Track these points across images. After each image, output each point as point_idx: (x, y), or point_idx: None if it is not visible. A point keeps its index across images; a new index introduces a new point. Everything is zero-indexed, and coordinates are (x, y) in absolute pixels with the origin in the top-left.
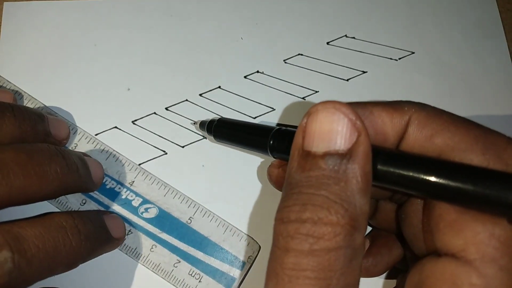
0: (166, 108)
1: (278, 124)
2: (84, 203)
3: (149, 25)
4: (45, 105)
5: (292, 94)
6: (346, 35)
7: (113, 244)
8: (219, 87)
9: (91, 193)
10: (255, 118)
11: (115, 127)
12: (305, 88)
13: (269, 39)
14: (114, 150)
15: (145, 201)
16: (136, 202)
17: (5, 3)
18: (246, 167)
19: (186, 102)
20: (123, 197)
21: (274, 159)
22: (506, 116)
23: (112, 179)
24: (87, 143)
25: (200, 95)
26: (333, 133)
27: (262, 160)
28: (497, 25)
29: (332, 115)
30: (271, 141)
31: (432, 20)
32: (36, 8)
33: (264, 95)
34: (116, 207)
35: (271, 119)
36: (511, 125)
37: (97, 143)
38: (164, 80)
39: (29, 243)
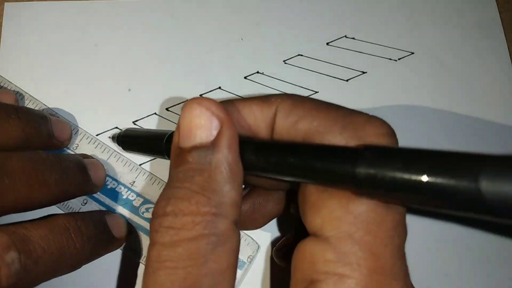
0: (167, 109)
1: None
2: (85, 203)
3: (150, 26)
4: (46, 106)
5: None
6: (345, 36)
7: (115, 244)
8: (219, 87)
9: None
10: None
11: (116, 127)
12: (305, 88)
13: (269, 39)
14: (115, 151)
15: (146, 201)
16: (137, 202)
17: (6, 3)
18: None
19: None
20: (124, 197)
21: None
22: (506, 117)
23: (113, 179)
24: (88, 143)
25: (201, 95)
26: (197, 127)
27: None
28: (497, 25)
29: (195, 110)
30: (164, 144)
31: (432, 20)
32: (37, 9)
33: None
34: (117, 207)
35: None
36: (511, 125)
37: (98, 144)
38: (165, 81)
39: (35, 245)
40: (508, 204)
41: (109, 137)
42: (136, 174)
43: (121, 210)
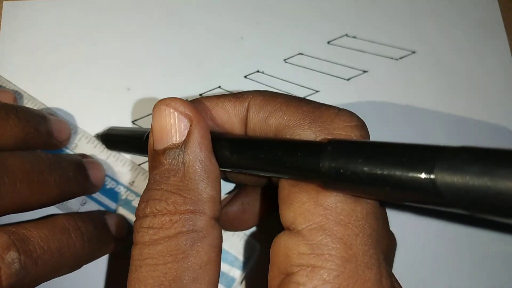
0: None
1: None
2: (85, 203)
3: (149, 25)
4: (45, 105)
5: (292, 94)
6: (346, 35)
7: (115, 245)
8: (219, 87)
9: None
10: None
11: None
12: (306, 87)
13: (270, 38)
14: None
15: None
16: (136, 202)
17: (4, 2)
18: None
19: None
20: (123, 197)
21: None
22: (507, 115)
23: (112, 179)
24: (87, 143)
25: (200, 95)
26: (167, 128)
27: None
28: (499, 24)
29: (163, 112)
30: (144, 143)
31: (433, 19)
32: (36, 7)
33: None
34: (117, 208)
35: None
36: None
37: (97, 143)
38: (164, 80)
39: (35, 245)
40: (461, 196)
41: (94, 136)
42: (136, 173)
43: (121, 210)
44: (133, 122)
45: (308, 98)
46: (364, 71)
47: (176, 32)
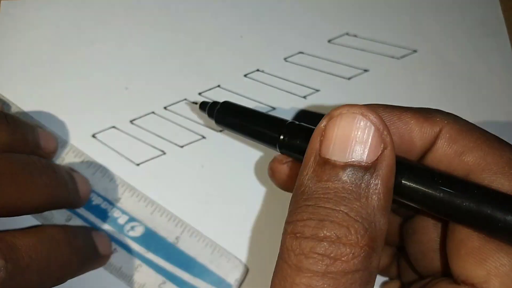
0: (165, 108)
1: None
2: (70, 220)
3: (148, 23)
4: (33, 118)
5: (292, 93)
6: (347, 33)
7: (100, 262)
8: (219, 86)
9: (77, 210)
10: None
11: (113, 126)
12: (306, 86)
13: (270, 37)
14: (101, 166)
15: (132, 219)
16: (122, 220)
17: (2, 1)
18: (245, 168)
19: (185, 101)
20: (109, 214)
21: (278, 154)
22: (509, 115)
23: (99, 195)
24: (74, 157)
25: (200, 94)
26: (357, 142)
27: (262, 162)
28: (500, 23)
29: (358, 122)
30: (282, 136)
31: (435, 18)
32: (33, 6)
33: (264, 94)
34: (102, 225)
35: None
36: None
37: (84, 157)
38: (163, 79)
39: (22, 253)
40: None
41: (192, 102)
42: (123, 190)
43: (106, 227)
44: (131, 121)
45: (308, 97)
46: (365, 70)
47: (175, 30)
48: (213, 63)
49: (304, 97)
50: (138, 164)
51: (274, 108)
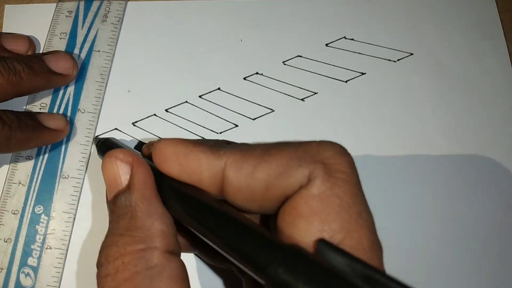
0: (166, 110)
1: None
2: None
3: (149, 27)
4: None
5: (291, 96)
6: (345, 37)
7: (50, 132)
8: (219, 88)
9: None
10: (254, 119)
11: (116, 128)
12: (304, 89)
13: (268, 41)
14: (74, 216)
15: (35, 269)
16: (30, 261)
17: (6, 5)
18: None
19: (186, 103)
20: (32, 246)
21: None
22: (505, 117)
23: (46, 228)
24: (72, 186)
25: (200, 96)
26: (113, 177)
27: None
28: (497, 26)
29: (107, 164)
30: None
31: (431, 21)
32: (37, 11)
33: (264, 97)
34: (20, 244)
35: (271, 121)
36: (510, 126)
37: (76, 195)
38: (164, 82)
39: None
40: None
41: (93, 138)
42: (59, 246)
43: (19, 248)
44: (133, 123)
45: (306, 99)
46: (362, 73)
47: (176, 34)
48: (213, 66)
49: (302, 99)
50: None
51: (273, 110)
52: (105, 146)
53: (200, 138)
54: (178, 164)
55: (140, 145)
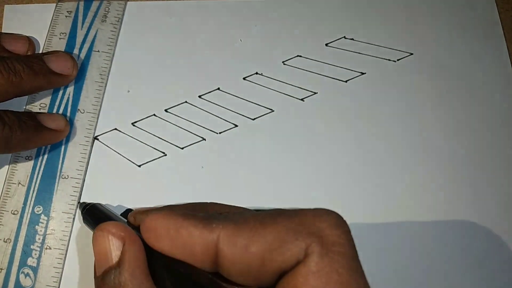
0: (166, 110)
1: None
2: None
3: (149, 27)
4: None
5: (291, 96)
6: (344, 37)
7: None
8: (218, 88)
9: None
10: (254, 119)
11: (115, 128)
12: (304, 89)
13: (268, 40)
14: (74, 215)
15: (35, 269)
16: (30, 261)
17: (6, 6)
18: (245, 169)
19: (185, 103)
20: (32, 247)
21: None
22: (505, 117)
23: (46, 228)
24: (72, 186)
25: (199, 96)
26: (104, 252)
27: (261, 163)
28: (497, 25)
29: (98, 238)
30: None
31: (431, 21)
32: (37, 11)
33: (263, 97)
34: (19, 246)
35: (270, 121)
36: (510, 126)
37: (76, 194)
38: (164, 82)
39: None
40: None
41: (78, 203)
42: (58, 246)
43: (18, 249)
44: (133, 123)
45: (306, 99)
46: (362, 73)
47: (176, 34)
48: (213, 66)
49: (302, 99)
50: (139, 165)
51: (272, 110)
52: (91, 214)
53: (200, 138)
54: (169, 239)
55: (127, 212)
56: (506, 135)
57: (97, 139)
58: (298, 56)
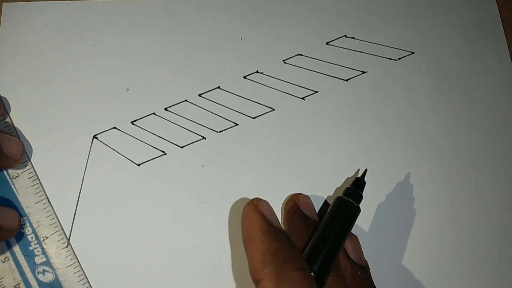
0: (165, 109)
1: None
2: None
3: (149, 25)
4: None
5: (291, 94)
6: (345, 35)
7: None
8: (219, 87)
9: None
10: (254, 118)
11: (114, 127)
12: (305, 88)
13: (269, 39)
14: (46, 197)
15: (47, 262)
16: (38, 260)
17: (4, 3)
18: (245, 168)
19: (185, 102)
20: (30, 248)
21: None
22: (506, 116)
23: (31, 225)
24: (28, 178)
25: (200, 95)
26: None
27: (261, 162)
28: (497, 25)
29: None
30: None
31: (432, 20)
32: (35, 9)
33: (264, 96)
34: (18, 253)
35: (271, 119)
36: (510, 125)
37: (36, 184)
38: (163, 81)
39: None
40: None
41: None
42: (53, 231)
43: (20, 258)
44: (132, 122)
45: (307, 98)
46: (363, 72)
47: (176, 32)
48: (213, 64)
49: (303, 98)
50: (139, 165)
51: (273, 109)
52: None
53: (200, 136)
54: None
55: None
56: (507, 134)
57: (96, 138)
58: (298, 54)
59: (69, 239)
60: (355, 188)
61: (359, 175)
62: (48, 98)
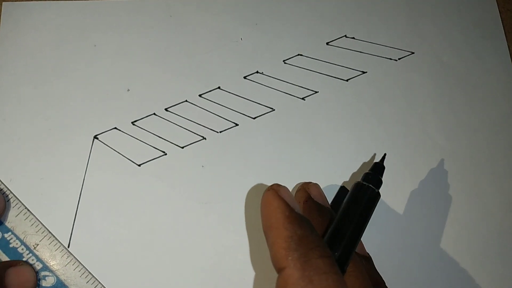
0: (166, 109)
1: None
2: None
3: (149, 26)
4: None
5: (291, 95)
6: (345, 36)
7: None
8: (219, 87)
9: None
10: (254, 118)
11: (115, 128)
12: (305, 88)
13: (269, 39)
14: (25, 207)
15: (45, 268)
16: (35, 267)
17: (4, 3)
18: (246, 168)
19: (185, 102)
20: (24, 259)
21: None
22: (506, 116)
23: (17, 238)
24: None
25: (200, 95)
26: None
27: (262, 162)
28: (497, 25)
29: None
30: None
31: (432, 20)
32: (35, 8)
33: (264, 96)
34: None
35: (271, 120)
36: (510, 125)
37: (11, 197)
38: (164, 81)
39: None
40: None
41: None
42: (41, 237)
43: None
44: (132, 122)
45: (307, 98)
46: (363, 72)
47: (176, 33)
48: (213, 65)
49: (303, 98)
50: (139, 165)
51: (273, 109)
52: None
53: (200, 137)
54: None
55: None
56: (507, 134)
57: (97, 138)
58: (299, 55)
59: (69, 240)
60: (374, 173)
61: (376, 160)
62: (48, 98)
